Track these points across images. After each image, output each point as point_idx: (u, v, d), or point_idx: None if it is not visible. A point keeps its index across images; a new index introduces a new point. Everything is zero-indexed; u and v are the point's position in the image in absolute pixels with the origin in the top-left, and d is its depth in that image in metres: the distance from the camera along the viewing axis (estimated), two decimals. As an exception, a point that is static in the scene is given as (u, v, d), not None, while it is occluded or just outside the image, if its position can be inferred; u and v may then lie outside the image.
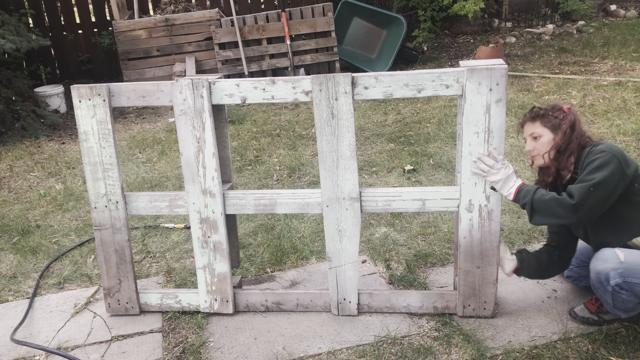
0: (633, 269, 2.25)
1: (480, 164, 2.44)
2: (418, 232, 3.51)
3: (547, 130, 2.44)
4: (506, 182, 2.43)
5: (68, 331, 2.82)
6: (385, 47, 7.80)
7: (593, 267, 2.34)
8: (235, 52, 7.20)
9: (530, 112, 2.52)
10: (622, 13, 9.86)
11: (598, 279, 2.31)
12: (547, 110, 2.46)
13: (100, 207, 2.74)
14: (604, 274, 2.28)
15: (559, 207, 2.31)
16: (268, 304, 2.83)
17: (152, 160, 5.23)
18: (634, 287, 2.25)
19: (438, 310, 2.71)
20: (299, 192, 2.69)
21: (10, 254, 3.66)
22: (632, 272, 2.24)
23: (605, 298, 2.35)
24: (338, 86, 2.46)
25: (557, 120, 2.43)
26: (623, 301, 2.30)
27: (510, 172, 2.43)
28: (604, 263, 2.30)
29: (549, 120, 2.44)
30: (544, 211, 2.35)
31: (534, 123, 2.48)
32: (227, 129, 2.84)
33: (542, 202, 2.34)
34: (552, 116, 2.44)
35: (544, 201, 2.34)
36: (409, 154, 4.77)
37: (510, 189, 2.43)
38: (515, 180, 2.44)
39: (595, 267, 2.33)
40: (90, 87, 2.60)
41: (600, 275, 2.30)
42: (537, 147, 2.47)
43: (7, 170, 5.25)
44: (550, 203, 2.32)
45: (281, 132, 5.71)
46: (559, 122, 2.42)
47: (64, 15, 8.42)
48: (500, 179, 2.43)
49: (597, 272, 2.31)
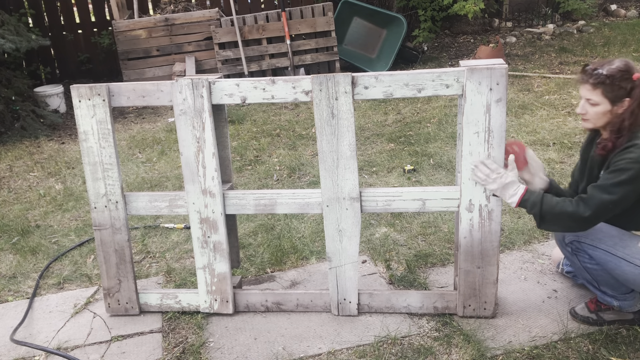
0: (587, 231, 2.34)
1: (478, 172, 2.42)
2: (418, 232, 3.50)
3: (606, 100, 2.20)
4: (505, 191, 2.39)
5: (68, 331, 2.81)
6: (386, 46, 7.80)
7: (555, 234, 2.51)
8: (235, 52, 7.19)
9: (592, 75, 2.21)
10: (623, 13, 9.86)
11: (558, 240, 2.48)
12: (614, 78, 2.16)
13: (100, 207, 2.74)
14: (560, 233, 2.45)
15: (570, 221, 2.26)
16: (268, 304, 2.83)
17: (151, 160, 5.22)
18: (587, 248, 2.36)
19: (438, 311, 2.71)
20: (299, 192, 2.68)
21: (10, 254, 3.66)
22: (584, 233, 2.35)
23: (576, 268, 2.50)
24: (338, 86, 2.45)
25: (623, 91, 2.16)
26: (594, 271, 2.40)
27: (508, 180, 2.37)
28: None
29: (612, 90, 2.17)
30: (554, 222, 2.32)
31: (594, 89, 2.21)
32: (227, 129, 2.84)
33: (553, 215, 2.28)
34: (618, 86, 2.16)
35: (554, 214, 2.28)
36: (409, 153, 4.77)
37: (511, 197, 2.38)
38: (517, 187, 2.38)
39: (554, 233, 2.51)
40: (90, 87, 2.60)
41: (558, 235, 2.48)
42: (589, 113, 2.27)
43: (7, 170, 5.24)
44: (562, 217, 2.27)
45: (281, 132, 5.71)
46: (624, 93, 2.16)
47: (63, 15, 8.41)
48: (497, 187, 2.40)
49: (556, 235, 2.50)
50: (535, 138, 4.81)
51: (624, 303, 2.46)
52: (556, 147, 4.58)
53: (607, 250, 2.32)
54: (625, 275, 2.32)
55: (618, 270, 2.33)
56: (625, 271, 2.31)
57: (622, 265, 2.31)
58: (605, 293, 2.47)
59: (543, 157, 4.41)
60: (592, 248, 2.35)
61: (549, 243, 3.25)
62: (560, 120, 5.20)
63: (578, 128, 4.94)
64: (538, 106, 5.61)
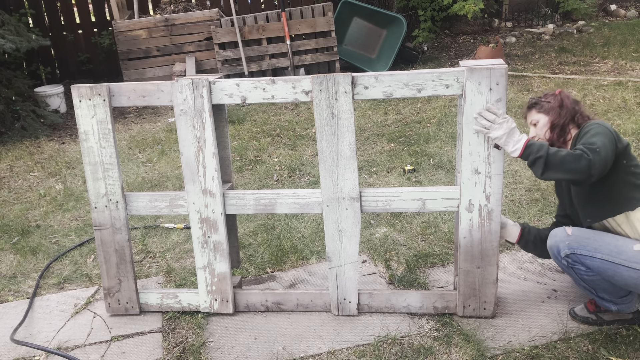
0: (580, 241, 2.38)
1: (481, 119, 2.37)
2: (418, 232, 3.51)
3: (542, 115, 2.59)
4: (510, 137, 2.35)
5: (68, 331, 2.81)
6: (385, 47, 7.80)
7: (548, 246, 2.49)
8: (235, 52, 7.20)
9: (527, 104, 2.71)
10: (623, 13, 9.86)
11: (553, 254, 2.47)
12: (540, 98, 2.64)
13: (100, 207, 2.74)
14: (555, 247, 2.44)
15: (576, 162, 2.25)
16: (268, 304, 2.83)
17: (152, 160, 5.23)
18: (584, 259, 2.37)
19: (438, 310, 2.71)
20: (299, 192, 2.68)
21: (10, 254, 3.66)
22: (579, 244, 2.38)
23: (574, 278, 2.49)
24: (338, 86, 2.46)
25: (550, 104, 2.59)
26: (592, 281, 2.41)
27: (513, 125, 2.35)
28: (554, 238, 2.45)
29: (542, 106, 2.60)
30: (560, 166, 2.29)
31: (530, 112, 2.65)
32: (227, 129, 2.84)
33: (558, 157, 2.28)
34: (545, 101, 2.61)
35: (560, 156, 2.28)
36: (409, 153, 4.77)
37: (516, 144, 2.34)
38: (520, 135, 2.36)
39: (548, 244, 2.48)
40: (91, 87, 2.60)
41: (553, 250, 2.45)
42: (537, 132, 2.60)
43: (7, 170, 5.25)
44: (568, 158, 2.27)
45: (281, 132, 5.71)
46: (551, 105, 2.58)
47: (63, 15, 8.41)
48: (502, 134, 2.34)
49: (550, 247, 2.47)
50: (535, 138, 4.81)
51: (622, 306, 2.47)
52: (556, 147, 4.58)
53: (604, 258, 2.34)
54: (625, 280, 2.33)
55: (617, 276, 2.34)
56: (625, 276, 2.32)
57: (621, 271, 2.32)
58: (604, 298, 2.47)
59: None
60: (589, 258, 2.36)
61: (548, 243, 3.25)
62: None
63: (578, 128, 4.94)
64: (538, 106, 5.61)
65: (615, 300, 2.45)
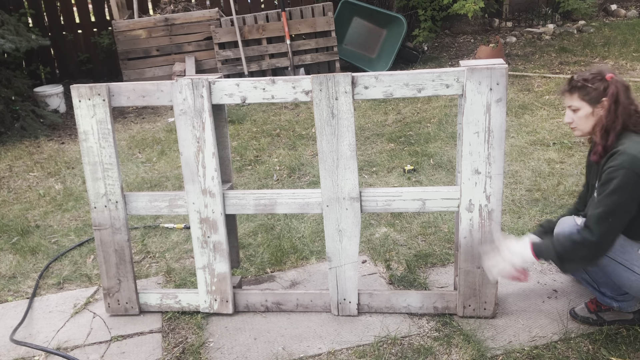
0: None
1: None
2: (418, 232, 3.50)
3: (585, 103, 2.27)
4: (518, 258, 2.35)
5: (67, 331, 2.81)
6: (386, 46, 7.79)
7: (554, 233, 2.40)
8: (235, 51, 7.19)
9: (568, 82, 2.33)
10: (623, 13, 9.85)
11: None
12: (587, 81, 2.25)
13: (100, 207, 2.73)
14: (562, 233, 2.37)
15: (583, 250, 2.19)
16: (268, 304, 2.83)
17: (151, 160, 5.22)
18: None
19: (438, 311, 2.71)
20: (299, 192, 2.68)
21: (9, 254, 3.66)
22: None
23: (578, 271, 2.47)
24: (338, 86, 2.45)
25: (597, 92, 2.23)
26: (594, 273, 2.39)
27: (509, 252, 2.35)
28: (562, 226, 2.39)
29: (587, 93, 2.25)
30: (571, 259, 2.24)
31: (571, 95, 2.31)
32: (227, 129, 2.84)
33: (566, 251, 2.22)
34: (592, 88, 2.24)
35: (566, 249, 2.22)
36: (409, 153, 4.77)
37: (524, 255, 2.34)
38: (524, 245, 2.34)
39: (555, 231, 2.41)
40: (90, 87, 2.60)
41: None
42: (575, 120, 2.33)
43: (7, 170, 5.24)
44: (574, 249, 2.21)
45: (281, 132, 5.71)
46: (599, 94, 2.23)
47: (63, 15, 8.40)
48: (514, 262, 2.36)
49: (556, 235, 2.38)
50: (535, 138, 4.81)
51: (623, 304, 2.46)
52: (556, 147, 4.58)
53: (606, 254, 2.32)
54: (622, 280, 2.33)
55: (615, 275, 2.34)
56: (623, 277, 2.32)
57: (619, 271, 2.32)
58: (605, 294, 2.48)
59: (543, 157, 4.41)
60: None
61: (549, 243, 3.25)
62: (560, 120, 5.20)
63: (578, 128, 4.93)
64: (538, 106, 5.61)
65: (617, 297, 2.45)
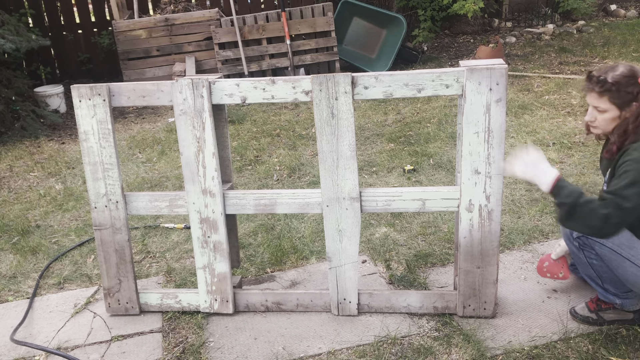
0: None
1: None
2: (418, 232, 3.51)
3: (614, 107, 2.18)
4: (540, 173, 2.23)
5: (68, 331, 2.81)
6: (385, 47, 7.80)
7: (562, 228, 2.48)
8: (235, 52, 7.20)
9: (598, 83, 2.20)
10: (622, 13, 9.86)
11: (565, 234, 2.47)
12: (620, 85, 2.14)
13: (100, 207, 2.74)
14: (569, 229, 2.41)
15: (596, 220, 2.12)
16: (268, 304, 2.83)
17: (152, 160, 5.23)
18: (594, 244, 2.35)
19: (438, 311, 2.71)
20: (299, 192, 2.68)
21: (10, 254, 3.66)
22: None
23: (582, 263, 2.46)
24: (338, 86, 2.45)
25: (630, 96, 2.13)
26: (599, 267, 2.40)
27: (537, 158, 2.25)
28: None
29: (619, 97, 2.15)
30: (582, 221, 2.17)
31: (601, 97, 2.20)
32: (227, 129, 2.84)
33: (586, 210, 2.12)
34: (624, 92, 2.14)
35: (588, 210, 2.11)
36: (409, 153, 4.77)
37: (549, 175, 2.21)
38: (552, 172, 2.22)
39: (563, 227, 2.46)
40: (90, 87, 2.60)
41: (567, 230, 2.45)
42: (598, 120, 2.25)
43: (7, 170, 5.24)
44: (594, 215, 2.12)
45: (281, 132, 5.71)
46: (631, 98, 2.13)
47: (63, 15, 8.41)
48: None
49: (564, 230, 2.47)
50: (535, 138, 4.81)
51: (625, 301, 2.46)
52: (556, 147, 4.59)
53: (613, 248, 2.33)
54: (627, 275, 2.34)
55: (620, 269, 2.34)
56: (628, 272, 2.33)
57: (625, 265, 2.32)
58: (608, 290, 2.47)
59: (543, 157, 4.41)
60: (599, 245, 2.34)
61: (549, 243, 3.26)
62: (560, 120, 5.20)
63: (578, 128, 4.94)
64: (538, 106, 5.61)
65: (620, 294, 2.45)
